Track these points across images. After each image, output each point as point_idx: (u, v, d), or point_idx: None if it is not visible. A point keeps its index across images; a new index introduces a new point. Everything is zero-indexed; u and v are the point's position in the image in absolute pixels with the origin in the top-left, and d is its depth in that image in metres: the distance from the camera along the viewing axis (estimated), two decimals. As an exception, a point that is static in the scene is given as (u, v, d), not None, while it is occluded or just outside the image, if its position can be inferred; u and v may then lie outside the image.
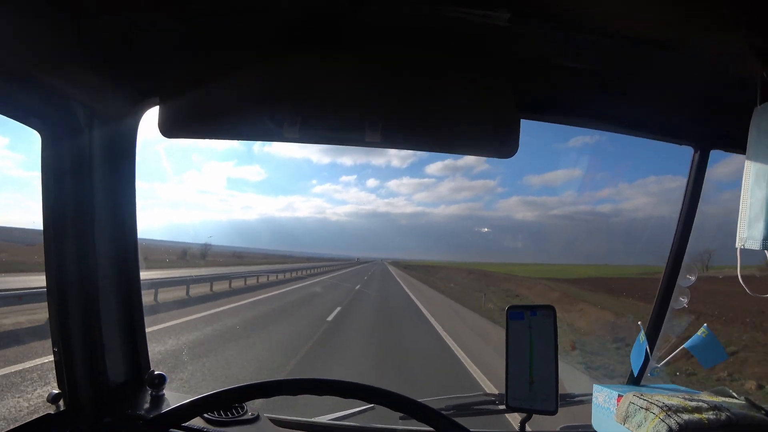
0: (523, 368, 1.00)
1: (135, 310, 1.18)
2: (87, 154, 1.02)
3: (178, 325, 8.36)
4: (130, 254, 1.16)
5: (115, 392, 1.12)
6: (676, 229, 1.24)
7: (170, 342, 6.88)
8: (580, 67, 0.91)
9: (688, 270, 1.23)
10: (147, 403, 1.12)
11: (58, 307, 1.04)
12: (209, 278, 15.62)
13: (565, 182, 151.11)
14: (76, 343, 1.06)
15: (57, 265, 1.03)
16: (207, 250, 41.24)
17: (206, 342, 7.11)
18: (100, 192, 1.06)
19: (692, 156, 1.19)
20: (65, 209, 1.02)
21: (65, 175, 1.01)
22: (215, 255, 43.05)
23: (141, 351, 1.20)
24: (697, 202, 1.20)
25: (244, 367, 5.75)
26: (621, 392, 1.20)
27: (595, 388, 1.27)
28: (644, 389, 1.25)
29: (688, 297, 1.25)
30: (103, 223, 1.08)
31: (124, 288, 1.15)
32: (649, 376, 1.31)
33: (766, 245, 0.81)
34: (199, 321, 9.17)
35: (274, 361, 6.23)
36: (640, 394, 1.15)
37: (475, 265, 59.98)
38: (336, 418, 1.26)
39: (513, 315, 1.03)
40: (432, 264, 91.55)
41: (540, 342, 1.01)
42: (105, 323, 1.10)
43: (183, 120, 0.93)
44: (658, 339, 1.28)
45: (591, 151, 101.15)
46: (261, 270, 25.53)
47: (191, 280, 13.87)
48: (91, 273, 1.07)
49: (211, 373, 5.27)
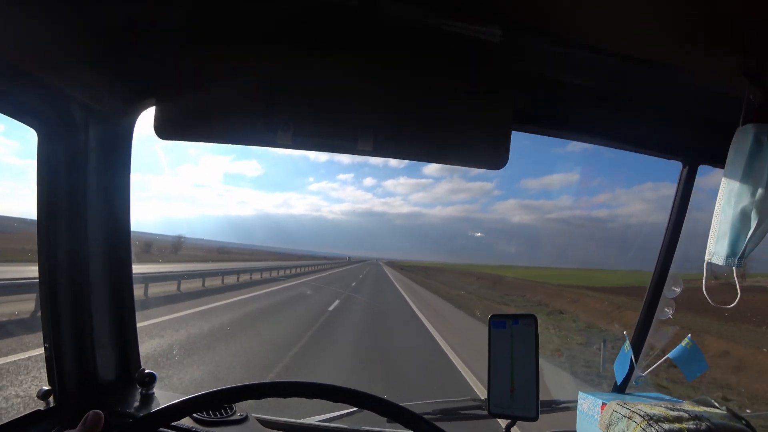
0: (504, 375, 1.02)
1: (126, 308, 1.20)
2: (83, 152, 1.03)
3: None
4: (122, 251, 1.17)
5: (105, 389, 1.13)
6: (663, 240, 1.26)
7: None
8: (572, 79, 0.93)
9: (674, 281, 1.25)
10: (137, 401, 1.13)
11: (50, 302, 1.05)
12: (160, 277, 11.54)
13: (563, 186, 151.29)
14: (67, 339, 1.07)
15: (49, 261, 1.04)
16: (180, 244, 36.70)
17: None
18: (94, 190, 1.07)
19: (680, 170, 1.21)
20: (59, 205, 1.03)
21: (60, 172, 1.02)
22: (196, 249, 36.83)
23: (131, 348, 1.22)
24: (684, 215, 1.22)
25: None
26: (605, 400, 1.22)
27: (580, 395, 1.29)
28: (628, 397, 1.27)
29: (673, 308, 1.27)
30: (96, 221, 1.09)
31: (116, 285, 1.16)
32: (634, 384, 1.33)
33: (728, 262, 0.84)
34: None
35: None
36: (624, 402, 1.16)
37: (476, 268, 57.29)
38: (324, 419, 1.28)
39: (495, 324, 1.05)
40: (428, 265, 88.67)
41: (521, 350, 1.03)
42: (96, 320, 1.12)
43: (178, 122, 0.94)
44: (642, 348, 1.30)
45: (589, 156, 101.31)
46: (240, 268, 21.21)
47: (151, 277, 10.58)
48: (84, 269, 1.08)
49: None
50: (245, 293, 14.04)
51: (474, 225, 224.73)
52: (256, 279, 20.06)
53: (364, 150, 0.91)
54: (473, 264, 78.42)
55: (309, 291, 17.50)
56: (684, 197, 1.21)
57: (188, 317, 8.77)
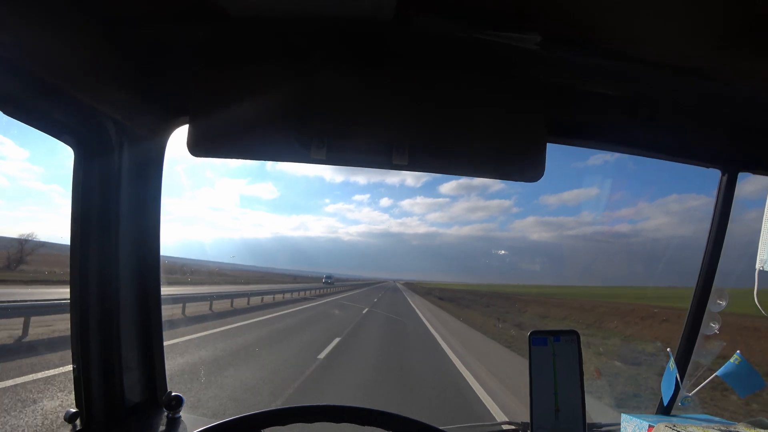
0: (547, 396, 0.98)
1: (154, 330, 1.18)
2: (117, 171, 1.05)
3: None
4: (152, 272, 1.16)
5: (131, 413, 1.11)
6: (705, 252, 1.21)
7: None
8: (610, 89, 0.92)
9: (719, 295, 1.20)
10: (163, 426, 1.11)
11: (79, 322, 1.04)
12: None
13: (584, 201, 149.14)
14: (95, 360, 1.06)
15: (81, 281, 1.03)
16: (214, 270, 34.31)
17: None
18: (127, 208, 1.08)
19: (720, 178, 1.17)
20: (92, 224, 1.03)
21: (94, 191, 1.03)
22: (176, 270, 31.33)
23: (158, 371, 1.19)
24: (725, 224, 1.18)
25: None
26: (651, 422, 1.15)
27: (623, 417, 1.22)
28: (675, 419, 1.20)
29: (719, 322, 1.21)
30: (127, 240, 1.09)
31: (145, 307, 1.15)
32: (680, 405, 1.26)
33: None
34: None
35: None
36: (673, 424, 1.10)
37: (498, 288, 51.85)
38: None
39: (536, 341, 1.01)
40: (449, 287, 79.36)
41: (564, 368, 0.99)
42: (124, 341, 1.10)
43: (211, 139, 0.94)
44: (688, 366, 1.24)
45: (611, 169, 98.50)
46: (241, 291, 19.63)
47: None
48: (114, 290, 1.08)
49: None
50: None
51: (492, 243, 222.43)
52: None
53: (399, 165, 0.89)
54: (493, 284, 74.17)
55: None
56: (725, 206, 1.17)
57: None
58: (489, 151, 0.92)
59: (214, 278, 43.17)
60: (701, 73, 0.86)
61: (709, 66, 0.85)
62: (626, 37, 0.80)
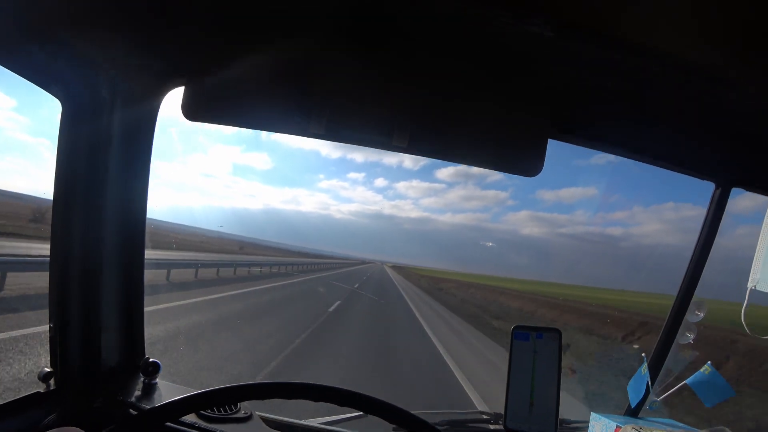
0: (524, 389, 0.99)
1: (136, 294, 1.16)
2: (106, 130, 1.00)
3: None
4: (137, 235, 1.13)
5: (107, 376, 1.09)
6: (689, 263, 1.23)
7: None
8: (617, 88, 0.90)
9: (698, 306, 1.22)
10: (139, 391, 1.10)
11: (59, 281, 1.01)
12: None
13: (580, 200, 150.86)
14: (73, 321, 1.03)
15: (63, 239, 1.00)
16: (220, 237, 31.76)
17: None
18: (115, 169, 1.04)
19: (713, 192, 1.18)
20: (78, 182, 1.00)
21: (82, 147, 0.99)
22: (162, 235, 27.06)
23: (137, 336, 1.18)
24: (713, 238, 1.19)
25: None
26: (619, 423, 1.18)
27: (592, 416, 1.26)
28: (642, 422, 1.24)
29: (695, 333, 1.24)
30: (114, 202, 1.06)
31: (128, 270, 1.13)
32: (648, 409, 1.30)
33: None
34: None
35: None
36: (639, 426, 1.13)
37: (482, 279, 51.47)
38: (328, 422, 1.24)
39: (518, 335, 1.02)
40: (440, 275, 76.50)
41: (543, 365, 1.00)
42: (105, 303, 1.08)
43: (207, 103, 0.90)
44: (660, 372, 1.27)
45: (613, 171, 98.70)
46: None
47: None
48: (96, 250, 1.05)
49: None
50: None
51: (485, 234, 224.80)
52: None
53: (399, 146, 0.88)
54: (480, 275, 72.83)
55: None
56: (714, 220, 1.19)
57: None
58: (489, 141, 0.91)
59: (199, 246, 42.67)
60: (710, 78, 0.84)
61: (724, 70, 0.83)
62: (638, 30, 0.77)
